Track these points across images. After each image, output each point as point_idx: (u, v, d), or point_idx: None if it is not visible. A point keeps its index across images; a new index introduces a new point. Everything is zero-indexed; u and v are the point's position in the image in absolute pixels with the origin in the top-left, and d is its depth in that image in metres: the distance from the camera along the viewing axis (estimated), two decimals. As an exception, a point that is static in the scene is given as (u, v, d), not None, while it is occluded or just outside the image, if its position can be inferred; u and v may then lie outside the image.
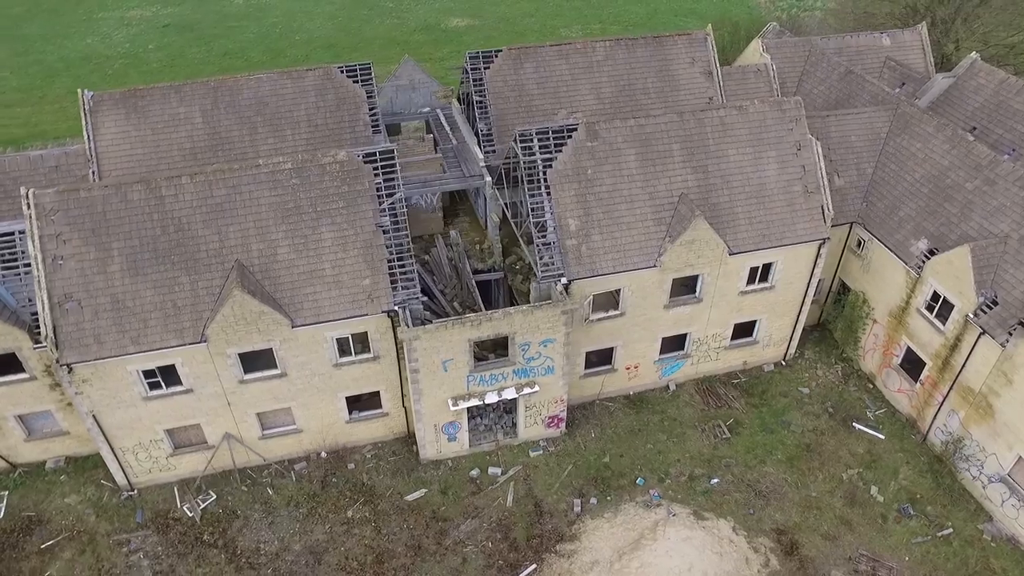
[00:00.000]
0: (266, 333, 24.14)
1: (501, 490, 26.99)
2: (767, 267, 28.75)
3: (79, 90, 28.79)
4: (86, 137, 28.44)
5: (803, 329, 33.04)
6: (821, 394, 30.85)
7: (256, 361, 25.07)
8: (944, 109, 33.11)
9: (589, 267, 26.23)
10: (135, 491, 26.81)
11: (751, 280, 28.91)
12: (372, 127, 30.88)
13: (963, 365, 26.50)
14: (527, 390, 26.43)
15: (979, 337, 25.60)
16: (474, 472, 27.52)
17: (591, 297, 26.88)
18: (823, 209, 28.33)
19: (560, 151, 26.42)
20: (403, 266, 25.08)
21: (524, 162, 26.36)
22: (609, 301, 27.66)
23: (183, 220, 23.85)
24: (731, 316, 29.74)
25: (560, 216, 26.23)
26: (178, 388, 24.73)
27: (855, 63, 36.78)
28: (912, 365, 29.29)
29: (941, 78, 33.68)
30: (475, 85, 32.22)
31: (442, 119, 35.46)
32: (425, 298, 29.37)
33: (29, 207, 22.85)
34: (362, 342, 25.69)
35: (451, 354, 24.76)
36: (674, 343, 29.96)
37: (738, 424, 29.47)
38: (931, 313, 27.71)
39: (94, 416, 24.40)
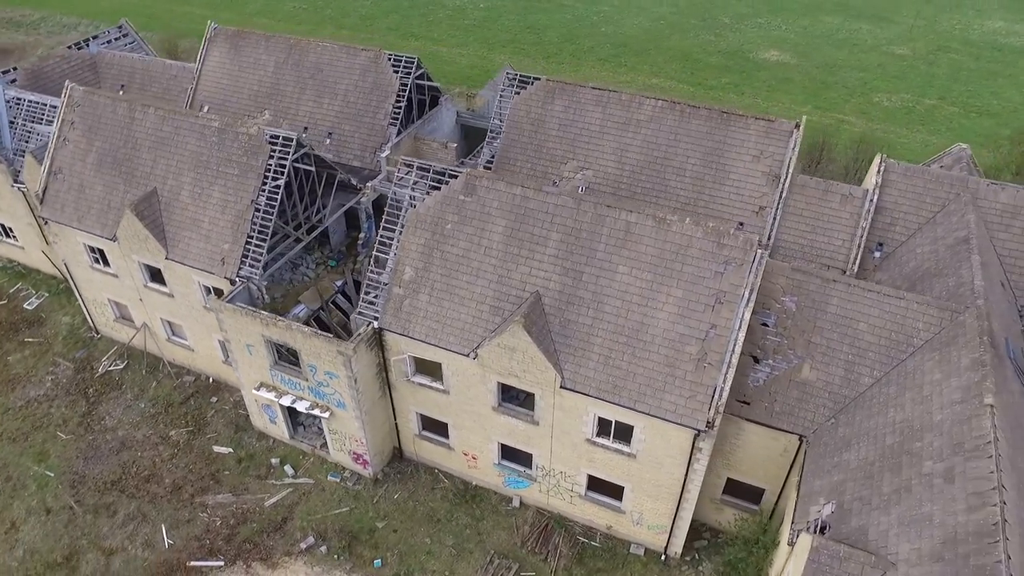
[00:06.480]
0: (153, 254, 27.89)
1: (277, 489, 27.07)
2: (625, 427, 22.18)
3: (208, 22, 35.26)
4: (198, 59, 34.95)
5: (716, 533, 24.92)
6: (661, 618, 23.13)
7: (159, 274, 29.12)
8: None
9: (402, 324, 23.77)
10: (100, 335, 33.83)
11: (603, 432, 22.71)
12: (391, 118, 31.52)
13: None
14: (318, 412, 25.66)
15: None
16: (275, 460, 28.00)
17: (406, 356, 24.41)
18: (714, 393, 20.53)
19: (430, 194, 23.97)
20: (256, 246, 26.13)
21: (395, 192, 24.56)
22: (435, 371, 24.69)
23: (138, 141, 28.49)
24: (581, 463, 23.86)
25: (400, 260, 24.07)
26: (110, 270, 30.26)
27: (1030, 235, 24.17)
28: (755, 659, 20.15)
29: None
30: (500, 108, 30.11)
31: (502, 134, 33.85)
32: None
33: (65, 96, 29.81)
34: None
35: (251, 341, 25.38)
36: (519, 456, 25.35)
37: (534, 583, 24.10)
38: (778, 605, 18.63)
39: (66, 264, 31.47)
